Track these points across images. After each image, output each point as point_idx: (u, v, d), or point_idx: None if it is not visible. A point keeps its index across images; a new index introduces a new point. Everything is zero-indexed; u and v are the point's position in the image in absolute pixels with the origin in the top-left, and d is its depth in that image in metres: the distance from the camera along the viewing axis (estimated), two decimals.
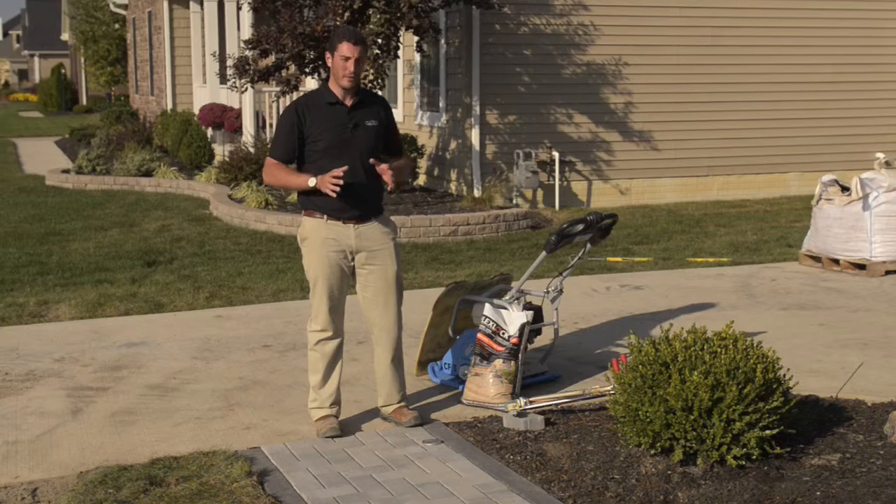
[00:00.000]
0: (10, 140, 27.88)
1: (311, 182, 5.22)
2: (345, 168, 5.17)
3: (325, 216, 5.35)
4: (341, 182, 5.13)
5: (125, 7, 30.31)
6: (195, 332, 7.53)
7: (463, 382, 5.93)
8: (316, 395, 5.46)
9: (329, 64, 5.36)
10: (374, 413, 5.70)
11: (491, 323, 5.81)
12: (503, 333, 5.78)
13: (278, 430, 5.46)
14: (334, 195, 5.15)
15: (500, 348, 5.76)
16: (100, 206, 14.35)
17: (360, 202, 5.36)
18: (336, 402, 5.48)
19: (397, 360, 5.55)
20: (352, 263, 5.42)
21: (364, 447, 5.19)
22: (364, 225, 5.39)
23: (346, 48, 5.26)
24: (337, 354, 5.47)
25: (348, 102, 5.36)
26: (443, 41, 13.99)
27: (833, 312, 7.98)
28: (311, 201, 5.38)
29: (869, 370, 6.37)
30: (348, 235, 5.36)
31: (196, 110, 20.74)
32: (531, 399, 5.50)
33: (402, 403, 5.59)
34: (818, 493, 4.48)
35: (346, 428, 5.44)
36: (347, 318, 5.65)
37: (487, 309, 5.86)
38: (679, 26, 14.30)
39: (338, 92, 5.36)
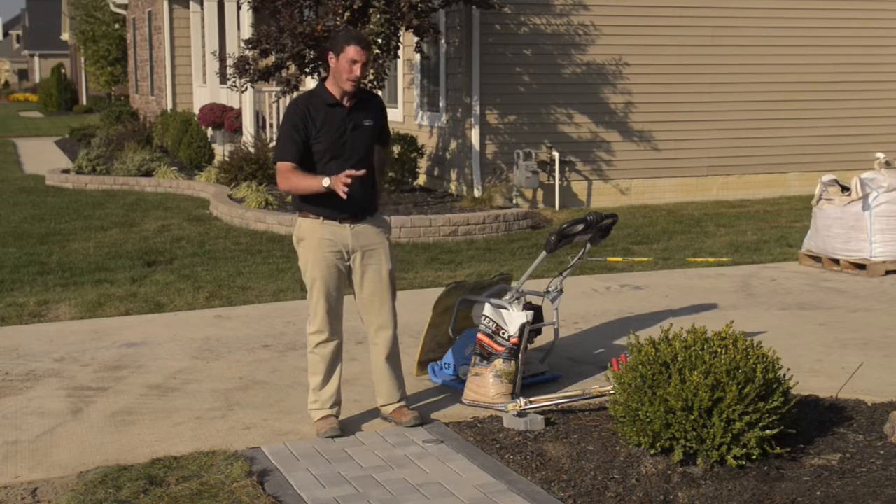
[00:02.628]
0: (10, 140, 27.88)
1: (326, 182, 5.15)
2: (362, 172, 5.13)
3: (322, 217, 5.35)
4: (350, 181, 5.08)
5: (125, 7, 30.31)
6: (195, 332, 7.53)
7: (463, 382, 5.93)
8: (316, 396, 5.46)
9: (331, 64, 5.31)
10: (374, 413, 5.70)
11: (491, 323, 5.82)
12: (503, 333, 5.78)
13: (278, 430, 5.46)
14: (345, 196, 5.11)
15: (500, 348, 5.76)
16: (100, 206, 14.34)
17: (355, 203, 5.33)
18: (336, 403, 5.48)
19: (395, 358, 5.55)
20: (348, 263, 5.42)
21: (364, 447, 5.19)
22: (360, 224, 5.40)
23: (354, 52, 5.22)
24: (336, 356, 5.47)
25: (346, 103, 5.36)
26: (443, 41, 13.99)
27: (833, 312, 7.98)
28: (306, 203, 5.38)
29: (869, 370, 6.37)
30: (345, 235, 5.36)
31: (196, 110, 20.74)
32: (531, 399, 5.50)
33: (402, 403, 5.59)
34: (818, 493, 4.48)
35: (346, 428, 5.44)
36: (346, 318, 5.65)
37: (487, 309, 5.86)
38: (679, 26, 14.29)
39: (336, 93, 5.34)
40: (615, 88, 14.13)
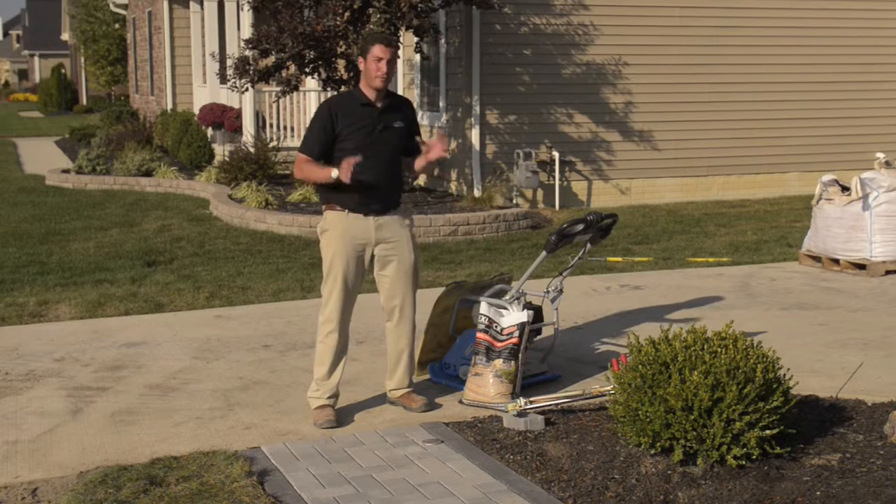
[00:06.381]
0: (11, 140, 27.87)
1: (334, 174, 5.41)
2: (358, 158, 5.34)
3: (347, 210, 5.54)
4: (353, 163, 5.32)
5: (125, 7, 30.29)
6: (195, 332, 7.53)
7: (463, 382, 5.94)
8: (318, 385, 5.62)
9: (361, 67, 5.55)
10: (374, 413, 5.71)
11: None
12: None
13: (278, 430, 5.47)
14: (347, 181, 5.33)
15: (499, 345, 5.76)
16: (100, 206, 14.34)
17: (381, 198, 5.59)
18: (335, 395, 5.64)
19: (412, 345, 5.76)
20: (370, 255, 5.60)
21: (364, 447, 5.19)
22: (383, 217, 5.59)
23: (378, 49, 5.48)
24: (343, 348, 5.65)
25: (379, 105, 5.56)
26: (443, 41, 14.00)
27: (833, 312, 7.98)
28: (333, 196, 5.57)
29: (869, 370, 6.37)
30: (368, 228, 5.55)
31: (196, 110, 20.72)
32: (531, 399, 5.50)
33: (411, 388, 5.81)
34: (818, 492, 4.48)
35: (345, 426, 5.47)
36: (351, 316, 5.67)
37: (486, 308, 5.86)
38: (679, 26, 14.30)
39: (370, 94, 5.55)
40: (615, 88, 14.13)
